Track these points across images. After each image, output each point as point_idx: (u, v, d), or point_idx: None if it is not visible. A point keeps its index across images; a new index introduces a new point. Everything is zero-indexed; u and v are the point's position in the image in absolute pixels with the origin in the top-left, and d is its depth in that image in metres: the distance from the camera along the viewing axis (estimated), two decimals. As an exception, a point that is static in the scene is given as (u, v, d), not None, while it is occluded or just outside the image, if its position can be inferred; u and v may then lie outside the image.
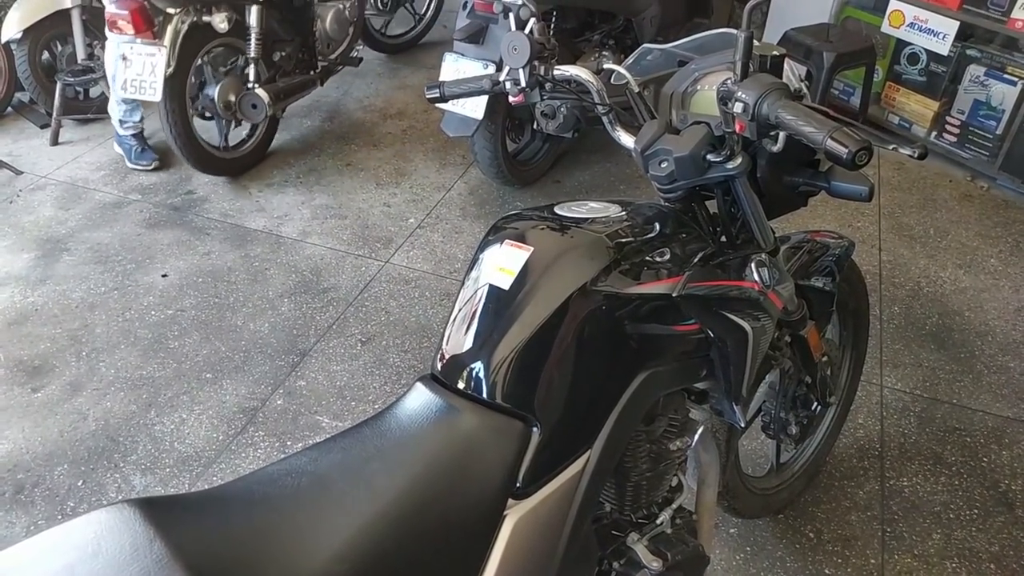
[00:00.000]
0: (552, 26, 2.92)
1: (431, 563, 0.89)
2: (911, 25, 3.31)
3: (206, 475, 2.01)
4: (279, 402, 2.22)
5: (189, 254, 2.84)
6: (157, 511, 0.83)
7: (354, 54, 3.79)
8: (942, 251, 2.88)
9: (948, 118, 3.39)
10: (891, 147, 0.96)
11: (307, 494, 0.90)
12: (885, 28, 3.43)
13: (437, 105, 2.82)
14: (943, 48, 3.25)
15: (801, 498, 1.94)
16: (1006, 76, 3.13)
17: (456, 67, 2.82)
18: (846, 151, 0.86)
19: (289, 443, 2.10)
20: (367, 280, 2.71)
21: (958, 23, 3.14)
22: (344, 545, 0.83)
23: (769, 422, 1.66)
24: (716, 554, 1.82)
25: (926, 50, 3.36)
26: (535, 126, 3.18)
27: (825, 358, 1.64)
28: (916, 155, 0.97)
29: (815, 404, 1.66)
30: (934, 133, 3.46)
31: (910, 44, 3.42)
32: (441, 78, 2.09)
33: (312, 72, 3.45)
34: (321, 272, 2.75)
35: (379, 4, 4.31)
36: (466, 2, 2.82)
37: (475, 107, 2.76)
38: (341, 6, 3.52)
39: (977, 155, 3.30)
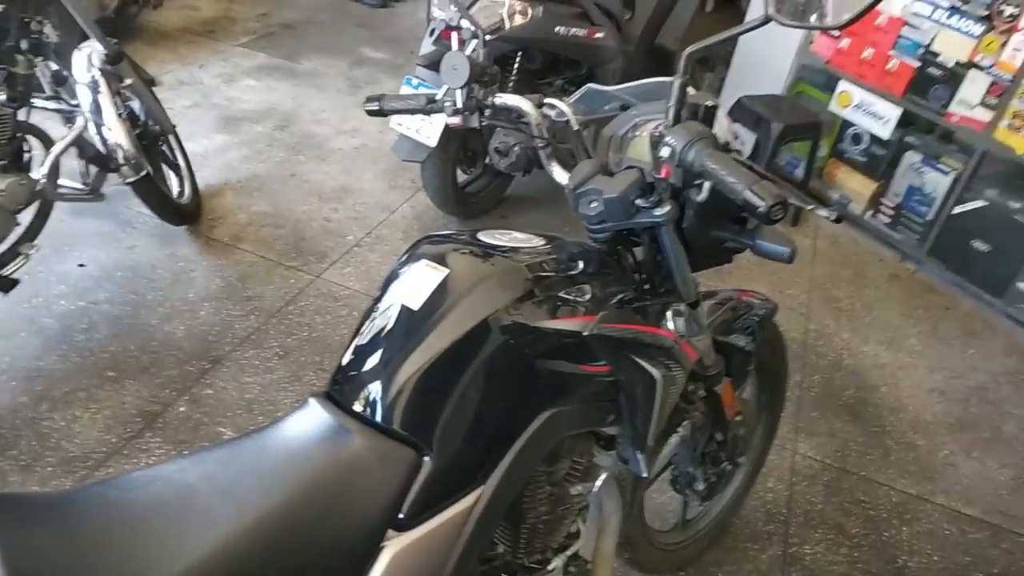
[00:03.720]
0: (516, 65, 2.94)
1: (294, 590, 0.83)
2: (857, 107, 3.44)
3: (91, 478, 1.89)
4: (182, 409, 2.12)
5: (112, 246, 2.72)
6: None
7: (19, 264, 2.20)
8: (866, 326, 2.95)
9: (884, 199, 3.51)
10: (809, 207, 0.97)
11: (168, 505, 0.84)
12: (832, 107, 3.55)
13: (393, 127, 2.82)
14: (885, 132, 3.38)
15: (704, 557, 1.93)
16: (939, 166, 3.26)
17: (414, 92, 2.80)
18: (763, 204, 0.86)
19: (186, 453, 1.99)
20: (295, 293, 2.64)
21: (901, 110, 3.28)
22: (197, 563, 0.77)
23: (677, 476, 1.64)
24: (614, 607, 1.78)
25: (869, 133, 3.49)
26: (487, 160, 3.18)
27: (739, 417, 1.64)
28: (832, 218, 0.98)
29: (724, 462, 1.66)
30: (870, 212, 3.58)
31: (855, 125, 3.55)
32: None
33: None
34: (248, 279, 2.67)
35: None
36: (433, 29, 2.82)
37: (429, 134, 2.73)
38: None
39: (908, 237, 3.42)
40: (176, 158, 2.90)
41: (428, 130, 2.73)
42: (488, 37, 1.29)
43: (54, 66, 2.27)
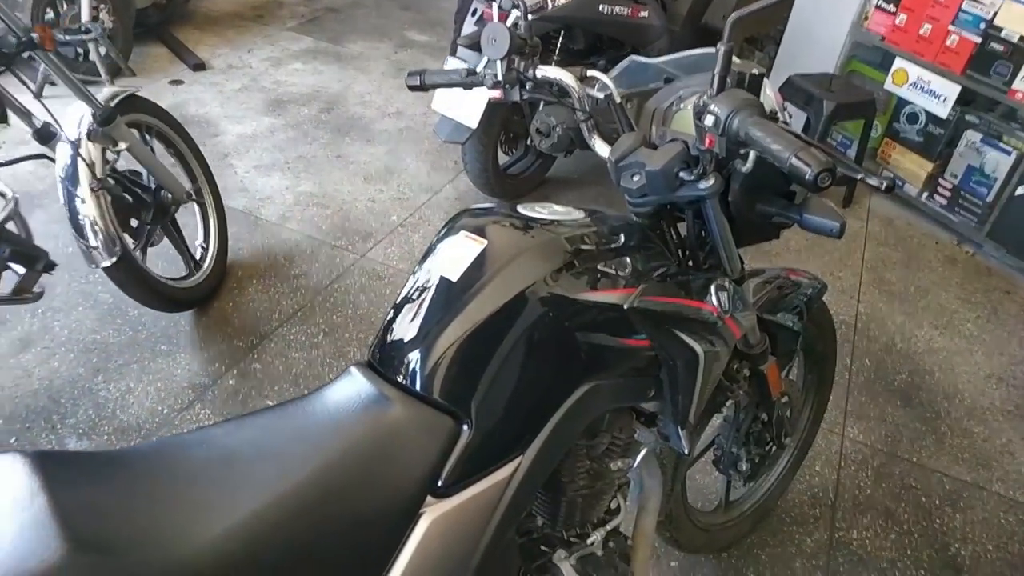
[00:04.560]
0: (559, 44, 2.92)
1: (333, 553, 0.84)
2: (914, 85, 3.32)
3: (145, 448, 1.95)
4: (231, 382, 2.17)
5: (164, 225, 2.79)
6: (49, 466, 0.79)
7: None
8: (920, 310, 2.86)
9: (941, 180, 3.39)
10: (859, 176, 0.93)
11: (213, 467, 0.86)
12: (888, 85, 3.44)
13: (435, 108, 2.83)
14: (943, 111, 3.26)
15: (747, 539, 1.90)
16: (1001, 145, 3.14)
17: (455, 67, 2.80)
18: (809, 170, 0.84)
19: (231, 417, 2.04)
20: (340, 271, 2.67)
21: (960, 87, 3.15)
22: (240, 523, 0.79)
23: (720, 456, 1.62)
24: (654, 587, 1.78)
25: (926, 111, 3.38)
26: (529, 141, 3.17)
27: (785, 398, 1.61)
28: (883, 187, 0.94)
29: (769, 443, 1.63)
30: (926, 194, 3.46)
31: (911, 103, 3.43)
32: None
33: None
34: (294, 258, 2.71)
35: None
36: (475, 8, 2.81)
37: (470, 115, 2.73)
38: None
39: (966, 220, 3.31)
40: (208, 223, 2.52)
41: (469, 111, 2.72)
42: (530, 16, 1.28)
43: (39, 122, 2.04)
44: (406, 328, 1.00)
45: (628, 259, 1.07)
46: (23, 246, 1.94)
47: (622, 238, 1.10)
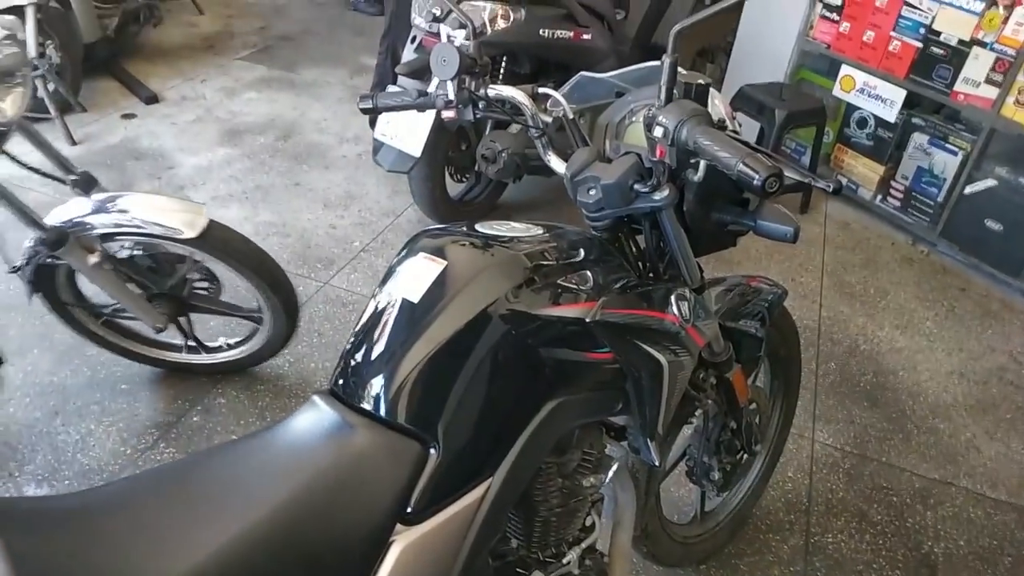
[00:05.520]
0: (502, 69, 2.91)
1: (302, 588, 0.82)
2: (861, 91, 3.41)
3: (106, 491, 1.89)
4: (195, 419, 2.12)
5: (120, 261, 2.73)
6: (1, 512, 0.76)
7: None
8: (881, 311, 2.91)
9: (893, 182, 3.47)
10: (807, 180, 0.95)
11: (173, 505, 0.83)
12: (836, 92, 3.52)
13: (377, 137, 2.79)
14: (890, 115, 3.34)
15: (724, 549, 1.90)
16: (948, 146, 3.23)
17: (407, 89, 2.78)
18: (757, 176, 0.85)
19: (193, 453, 1.99)
20: (303, 300, 2.63)
21: (905, 91, 3.24)
22: (205, 561, 0.76)
23: (693, 467, 1.62)
24: (634, 602, 1.76)
25: (874, 115, 3.46)
26: (476, 168, 3.16)
27: (753, 405, 1.62)
28: (831, 189, 0.96)
29: (740, 451, 1.63)
30: (880, 196, 3.54)
31: (859, 108, 3.51)
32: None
33: None
34: (256, 289, 2.66)
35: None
36: (415, 36, 2.79)
37: (414, 143, 2.68)
38: None
39: (919, 220, 3.38)
40: (252, 339, 2.25)
41: (412, 139, 2.68)
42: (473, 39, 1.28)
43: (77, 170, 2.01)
44: (368, 353, 0.99)
45: (588, 273, 1.07)
46: None
47: (582, 252, 1.11)
